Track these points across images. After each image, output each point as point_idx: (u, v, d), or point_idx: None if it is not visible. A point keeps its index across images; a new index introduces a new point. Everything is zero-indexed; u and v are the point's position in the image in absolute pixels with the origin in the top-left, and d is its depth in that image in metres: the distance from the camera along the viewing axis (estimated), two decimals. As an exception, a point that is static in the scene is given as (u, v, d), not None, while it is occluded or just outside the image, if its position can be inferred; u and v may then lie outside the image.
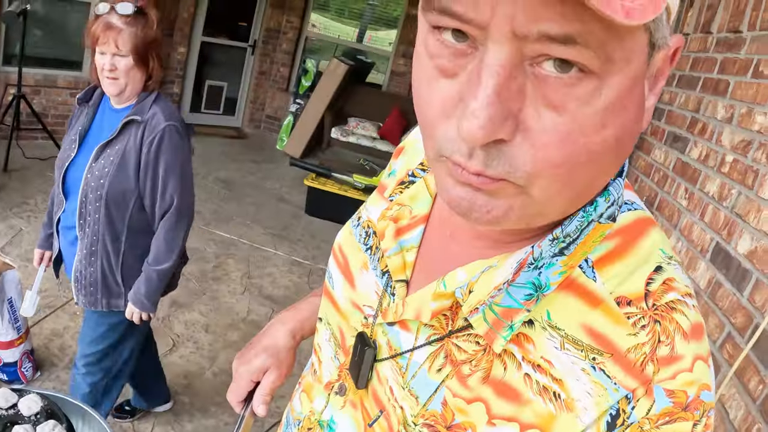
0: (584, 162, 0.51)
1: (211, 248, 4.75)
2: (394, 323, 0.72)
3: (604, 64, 0.46)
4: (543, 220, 0.58)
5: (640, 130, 0.56)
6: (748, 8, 2.35)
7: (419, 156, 0.85)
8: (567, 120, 0.48)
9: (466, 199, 0.54)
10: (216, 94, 8.41)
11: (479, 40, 0.48)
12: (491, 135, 0.47)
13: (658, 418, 0.55)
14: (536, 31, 0.44)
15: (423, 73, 0.54)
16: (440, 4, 0.47)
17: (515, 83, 0.47)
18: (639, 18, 0.41)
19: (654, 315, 0.58)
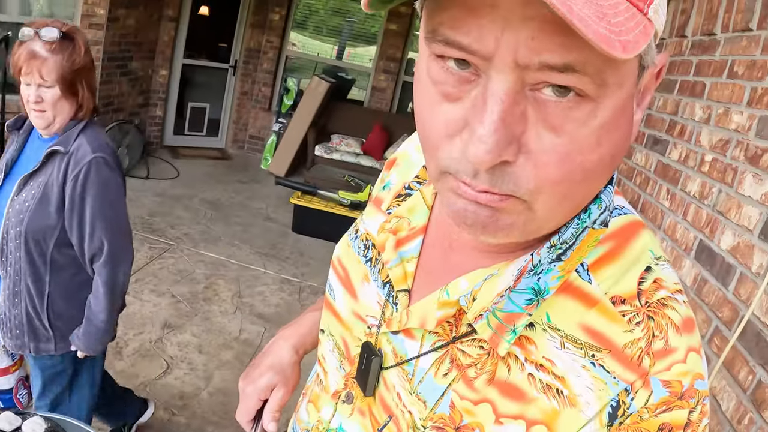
0: (581, 179, 0.55)
1: (200, 269, 4.76)
2: (398, 332, 0.75)
3: (599, 89, 0.50)
4: (540, 233, 0.62)
5: (630, 143, 0.60)
6: (720, 11, 2.42)
7: (414, 169, 0.88)
8: (566, 141, 0.52)
9: (470, 212, 0.57)
10: (199, 116, 8.41)
11: (482, 69, 0.51)
12: (497, 158, 0.51)
13: (656, 408, 0.58)
14: (537, 61, 0.47)
15: (426, 97, 0.57)
16: (445, 36, 0.51)
17: (518, 109, 0.51)
18: (633, 51, 0.45)
19: (647, 312, 0.62)
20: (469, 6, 0.48)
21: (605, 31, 0.43)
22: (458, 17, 0.49)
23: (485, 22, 0.48)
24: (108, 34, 6.24)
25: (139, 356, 3.50)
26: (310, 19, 8.60)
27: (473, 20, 0.48)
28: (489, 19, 0.48)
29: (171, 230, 5.41)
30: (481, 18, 0.48)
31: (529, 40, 0.47)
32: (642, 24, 0.48)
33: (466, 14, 0.49)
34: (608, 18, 0.44)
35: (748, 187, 1.94)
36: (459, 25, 0.50)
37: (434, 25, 0.52)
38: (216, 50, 8.65)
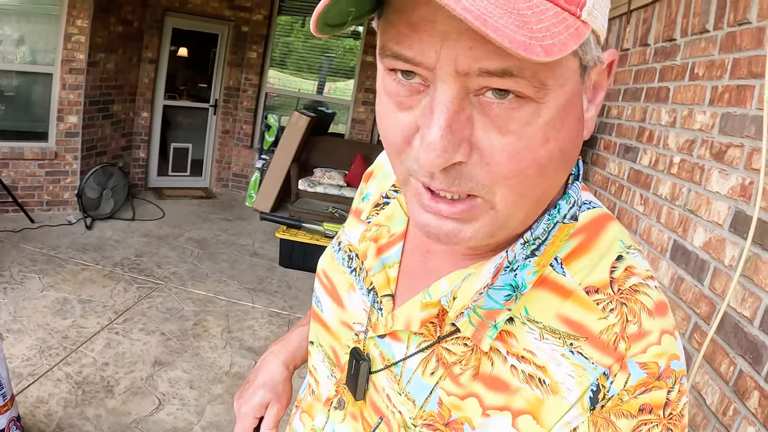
0: (534, 173, 0.57)
1: (189, 307, 4.74)
2: (384, 335, 0.77)
3: (538, 91, 0.53)
4: (506, 233, 0.65)
5: (582, 139, 0.63)
6: (679, 16, 2.49)
7: (390, 178, 0.92)
8: (513, 139, 0.55)
9: (434, 225, 0.61)
10: (182, 156, 8.44)
11: (429, 79, 0.55)
12: (447, 161, 0.54)
13: (635, 389, 0.61)
14: (477, 68, 0.51)
15: (384, 108, 0.61)
16: (393, 51, 0.55)
17: (464, 114, 0.54)
18: (559, 53, 0.48)
19: (620, 298, 0.65)
20: (411, 23, 0.52)
21: (523, 38, 0.46)
22: (403, 33, 0.53)
23: (426, 36, 0.52)
24: (89, 79, 6.31)
25: (130, 394, 3.48)
26: (290, 56, 8.69)
27: (415, 35, 0.52)
28: (429, 34, 0.52)
29: (158, 270, 5.40)
30: (422, 33, 0.52)
31: (467, 50, 0.51)
32: (574, 27, 0.51)
33: (409, 30, 0.53)
34: (530, 25, 0.48)
35: (715, 183, 1.98)
36: (403, 40, 0.54)
37: (384, 41, 0.56)
38: (196, 90, 8.73)
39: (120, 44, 6.84)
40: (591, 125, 0.64)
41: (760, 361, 1.59)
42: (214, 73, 8.36)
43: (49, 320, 4.16)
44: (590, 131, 0.64)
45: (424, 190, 0.60)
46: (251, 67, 8.26)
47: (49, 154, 6.21)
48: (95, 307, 4.48)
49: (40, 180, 6.23)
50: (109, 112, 6.94)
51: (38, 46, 6.08)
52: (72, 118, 6.31)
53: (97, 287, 4.81)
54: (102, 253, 5.58)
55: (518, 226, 0.65)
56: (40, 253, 5.32)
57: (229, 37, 8.14)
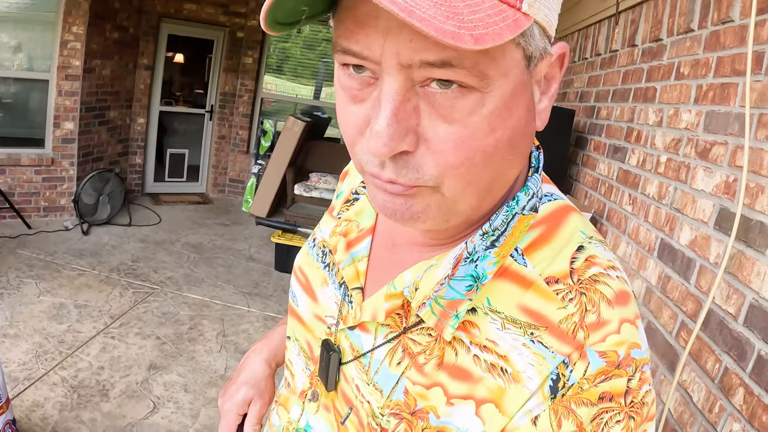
0: (481, 162, 0.59)
1: (184, 311, 4.75)
2: (354, 327, 0.79)
3: (481, 80, 0.55)
4: (460, 217, 0.66)
5: (533, 129, 0.65)
6: (665, 16, 2.51)
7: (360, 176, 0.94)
8: (458, 129, 0.57)
9: (389, 202, 0.62)
10: (178, 162, 8.46)
11: (377, 72, 0.57)
12: (394, 150, 0.57)
13: (595, 377, 0.61)
14: (418, 60, 0.53)
15: (340, 102, 0.63)
16: (342, 46, 0.57)
17: (410, 104, 0.57)
18: (492, 41, 0.50)
19: (579, 288, 0.66)
20: (357, 19, 0.55)
21: (452, 28, 0.48)
22: (350, 29, 0.56)
23: (371, 31, 0.54)
24: (84, 85, 6.32)
25: (125, 397, 3.49)
26: (286, 61, 8.71)
27: (361, 31, 0.55)
28: (373, 29, 0.54)
29: (154, 274, 5.41)
30: (368, 28, 0.54)
31: (407, 43, 0.53)
32: (512, 18, 0.53)
33: (355, 26, 0.55)
34: (461, 16, 0.50)
35: (700, 181, 2.00)
36: (351, 36, 0.56)
37: (336, 37, 0.58)
38: (192, 96, 8.75)
39: (116, 50, 6.86)
40: (545, 116, 0.66)
41: (744, 357, 1.60)
42: (210, 79, 8.38)
43: (46, 325, 4.17)
44: (544, 122, 0.66)
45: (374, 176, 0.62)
46: (247, 72, 8.28)
47: (46, 160, 6.22)
48: (91, 311, 4.48)
49: (36, 186, 6.24)
50: (105, 118, 6.96)
51: (34, 53, 6.10)
52: (68, 125, 6.33)
53: (93, 292, 4.82)
54: (98, 258, 5.59)
55: (471, 211, 0.66)
56: (36, 258, 5.32)
57: (224, 42, 8.16)
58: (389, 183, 0.60)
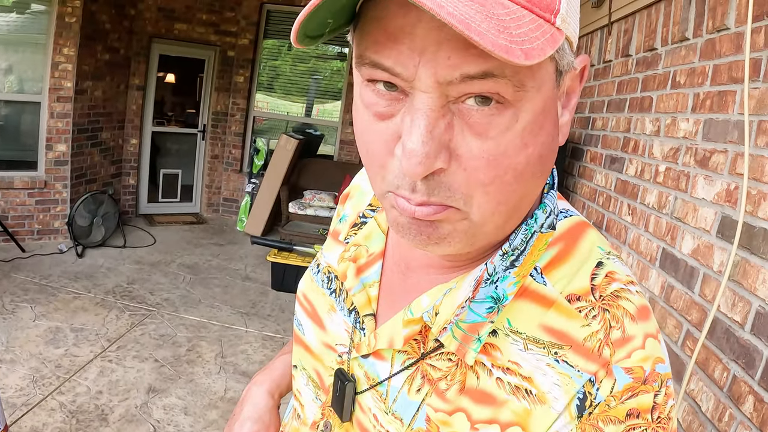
0: (511, 180, 0.57)
1: (182, 333, 4.72)
2: (368, 355, 0.76)
3: (518, 92, 0.53)
4: (484, 239, 0.64)
5: (558, 144, 0.64)
6: (659, 26, 2.52)
7: (367, 198, 0.92)
8: (492, 145, 0.55)
9: (412, 227, 0.60)
10: (172, 182, 8.44)
11: (407, 89, 0.55)
12: (429, 169, 0.54)
13: (622, 394, 0.60)
14: (458, 74, 0.51)
15: (363, 120, 0.60)
16: (371, 59, 0.55)
17: (444, 121, 0.54)
18: (539, 57, 0.49)
19: (602, 305, 0.65)
20: (389, 32, 0.53)
21: (505, 42, 0.47)
22: (380, 42, 0.53)
23: (404, 48, 0.52)
24: (76, 106, 6.33)
25: (125, 422, 3.45)
26: (277, 79, 8.72)
27: (393, 45, 0.53)
28: (407, 46, 0.52)
29: (150, 296, 5.38)
30: (400, 44, 0.52)
31: (446, 60, 0.51)
32: (549, 33, 0.52)
33: (387, 39, 0.53)
34: (509, 30, 0.49)
35: (701, 189, 2.00)
36: (381, 50, 0.54)
37: (361, 50, 0.56)
38: (184, 116, 8.75)
39: (107, 72, 6.86)
40: (566, 130, 0.65)
41: (753, 365, 1.59)
42: (202, 99, 8.39)
43: (42, 349, 4.13)
44: (565, 137, 0.65)
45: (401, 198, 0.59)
46: (238, 91, 8.29)
47: (39, 182, 6.20)
48: (88, 335, 4.45)
49: (30, 209, 6.22)
50: (97, 139, 6.95)
51: (26, 75, 6.10)
52: (61, 147, 6.31)
53: (89, 315, 4.78)
54: (94, 281, 5.56)
55: (497, 233, 0.65)
56: (31, 282, 5.29)
57: (215, 62, 8.17)
58: (419, 206, 0.58)
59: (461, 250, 0.64)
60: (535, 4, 0.52)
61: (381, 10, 0.53)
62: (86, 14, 6.16)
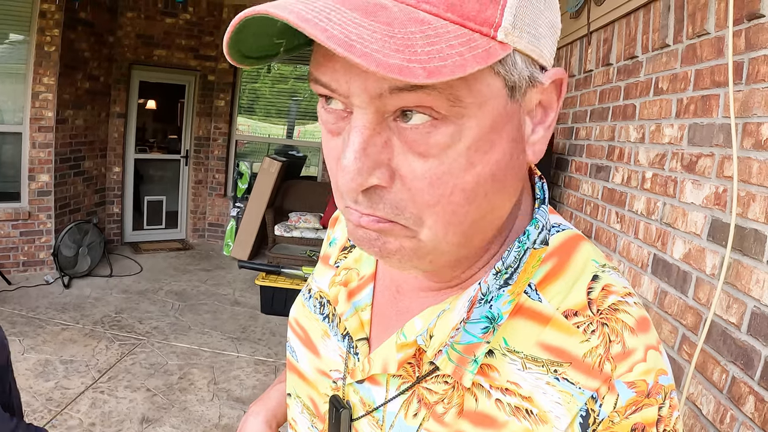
0: (461, 200, 0.56)
1: (173, 361, 4.68)
2: (363, 380, 0.75)
3: (453, 107, 0.52)
4: (445, 257, 0.62)
5: (523, 162, 0.62)
6: (638, 34, 2.55)
7: None
8: (434, 165, 0.54)
9: (365, 237, 0.60)
10: (156, 209, 8.40)
11: (348, 106, 0.55)
12: (362, 184, 0.54)
13: (626, 409, 0.59)
14: (387, 87, 0.51)
15: (323, 136, 0.62)
16: (313, 76, 0.56)
17: (380, 138, 0.54)
18: (451, 74, 0.47)
19: (600, 319, 0.64)
20: (323, 51, 0.54)
21: (398, 61, 0.46)
22: (320, 61, 0.55)
23: (337, 66, 0.53)
24: (58, 136, 6.30)
25: (118, 453, 3.41)
26: (257, 102, 8.73)
27: (329, 64, 0.54)
28: (340, 64, 0.52)
29: (140, 325, 5.33)
30: (333, 62, 0.53)
31: (372, 73, 0.49)
32: (483, 47, 0.50)
33: (324, 58, 0.54)
34: (413, 48, 0.47)
35: (689, 194, 2.01)
36: (318, 67, 0.55)
37: (310, 68, 0.57)
38: (166, 142, 8.73)
39: (88, 100, 6.84)
40: (539, 147, 0.63)
41: (751, 365, 1.60)
42: (184, 124, 8.38)
43: (32, 383, 4.07)
44: (537, 154, 0.63)
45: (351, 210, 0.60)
46: (220, 115, 8.29)
47: (23, 214, 6.15)
48: (78, 366, 4.39)
49: (15, 241, 6.16)
50: (80, 168, 6.91)
51: (6, 106, 6.07)
52: (43, 177, 6.27)
53: (78, 347, 4.73)
54: (81, 311, 5.50)
55: (458, 250, 0.63)
56: (18, 315, 5.23)
57: (196, 87, 8.17)
58: (365, 216, 0.58)
59: (421, 267, 0.63)
60: (469, 19, 0.51)
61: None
62: (65, 43, 6.15)
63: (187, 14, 7.87)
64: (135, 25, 7.55)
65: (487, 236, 0.65)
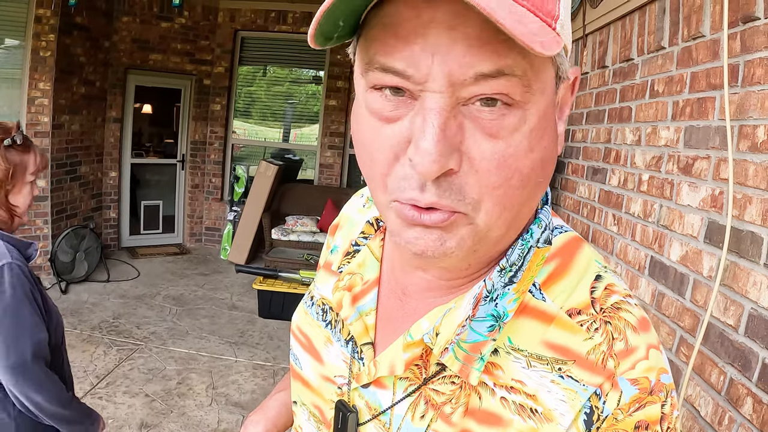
0: (517, 184, 0.58)
1: (171, 366, 4.67)
2: (368, 384, 0.75)
3: (525, 93, 0.54)
4: (487, 247, 0.64)
5: (557, 153, 0.64)
6: (634, 36, 2.55)
7: (357, 227, 0.91)
8: (502, 146, 0.55)
9: (420, 238, 0.59)
10: (153, 214, 8.39)
11: (417, 92, 0.55)
12: (443, 167, 0.54)
13: (629, 406, 0.60)
14: (472, 73, 0.52)
15: (368, 128, 0.60)
16: (381, 63, 0.55)
17: (455, 122, 0.54)
18: (551, 50, 0.50)
19: (603, 317, 0.65)
20: (399, 35, 0.53)
21: (527, 32, 0.49)
22: (391, 44, 0.54)
23: (417, 49, 0.53)
24: (54, 141, 6.28)
25: (116, 459, 3.41)
26: (253, 105, 8.73)
27: (405, 47, 0.53)
28: (420, 47, 0.52)
29: (137, 330, 5.32)
30: (413, 45, 0.53)
31: (461, 58, 0.52)
32: (552, 35, 0.53)
33: (398, 41, 0.53)
34: (525, 24, 0.50)
35: (686, 196, 2.01)
36: (391, 52, 0.54)
37: (370, 56, 0.56)
38: (163, 146, 8.72)
39: (83, 105, 6.84)
40: (562, 141, 0.66)
41: (749, 367, 1.60)
42: (180, 128, 8.36)
43: None
44: (562, 146, 0.66)
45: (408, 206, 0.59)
46: (216, 119, 8.29)
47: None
48: (76, 372, 4.37)
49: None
50: (77, 173, 6.90)
51: (1, 111, 6.04)
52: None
53: (76, 352, 4.72)
54: (79, 317, 5.49)
55: (496, 243, 0.65)
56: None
57: (192, 91, 8.17)
58: (427, 212, 0.57)
59: (462, 260, 0.64)
60: (539, 9, 0.53)
61: (391, 16, 0.54)
62: (61, 48, 6.14)
63: (183, 18, 7.87)
64: (130, 30, 7.55)
65: (518, 230, 0.66)
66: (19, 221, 1.92)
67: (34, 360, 1.73)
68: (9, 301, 1.70)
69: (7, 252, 1.77)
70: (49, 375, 1.78)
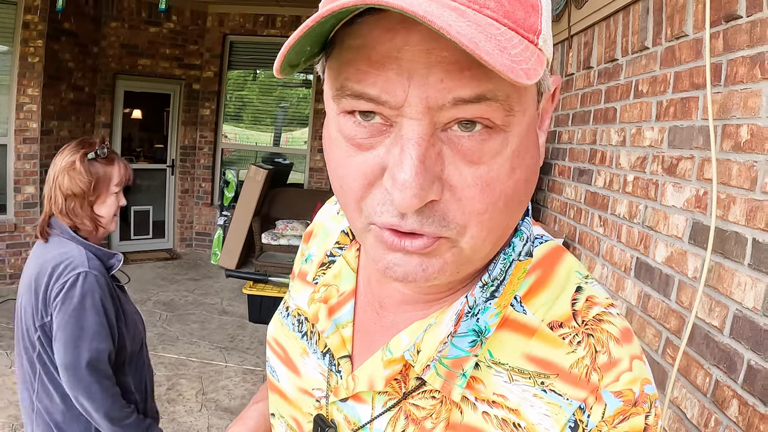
0: (502, 206, 0.56)
1: (161, 372, 4.64)
2: (347, 399, 0.73)
3: (507, 116, 0.52)
4: (470, 268, 0.62)
5: (539, 165, 0.63)
6: (618, 37, 2.55)
7: (332, 236, 0.88)
8: (484, 170, 0.53)
9: (400, 264, 0.57)
10: (143, 219, 8.36)
11: (392, 117, 0.52)
12: (423, 200, 0.51)
13: (614, 419, 0.59)
14: (450, 98, 0.50)
15: (341, 154, 0.57)
16: (353, 90, 0.52)
17: (434, 150, 0.52)
18: (535, 77, 0.47)
19: (585, 330, 0.63)
20: (372, 59, 0.50)
21: (509, 62, 0.46)
22: (362, 70, 0.51)
23: (391, 74, 0.50)
24: (43, 147, 6.27)
25: (103, 467, 3.37)
26: (243, 110, 8.71)
27: (379, 73, 0.50)
28: (395, 72, 0.50)
29: (126, 336, 5.28)
30: (387, 70, 0.50)
31: (438, 83, 0.49)
32: (535, 54, 0.51)
33: (370, 67, 0.51)
34: (508, 50, 0.47)
35: (670, 197, 2.01)
36: (364, 78, 0.51)
37: (341, 81, 0.53)
38: (152, 151, 8.69)
39: (72, 111, 6.82)
40: (542, 152, 0.64)
41: (734, 369, 1.59)
42: (169, 133, 8.35)
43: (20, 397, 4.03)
44: (542, 158, 0.64)
45: (387, 231, 0.56)
46: (205, 124, 8.27)
47: (9, 226, 6.12)
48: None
49: (1, 253, 6.12)
50: (65, 180, 6.85)
51: (-11, 118, 6.04)
52: (29, 189, 6.25)
53: (64, 359, 4.67)
54: (67, 324, 5.44)
55: (482, 260, 0.63)
56: (6, 328, 5.18)
57: (181, 95, 8.16)
58: (409, 238, 0.55)
59: (449, 279, 0.62)
60: (521, 26, 0.52)
61: (362, 38, 0.51)
62: (49, 54, 6.13)
63: (171, 23, 7.86)
64: (119, 35, 7.54)
65: (502, 243, 0.64)
66: (104, 231, 2.03)
67: (89, 367, 1.79)
68: (76, 306, 1.80)
69: (86, 261, 1.87)
70: (103, 386, 1.82)
